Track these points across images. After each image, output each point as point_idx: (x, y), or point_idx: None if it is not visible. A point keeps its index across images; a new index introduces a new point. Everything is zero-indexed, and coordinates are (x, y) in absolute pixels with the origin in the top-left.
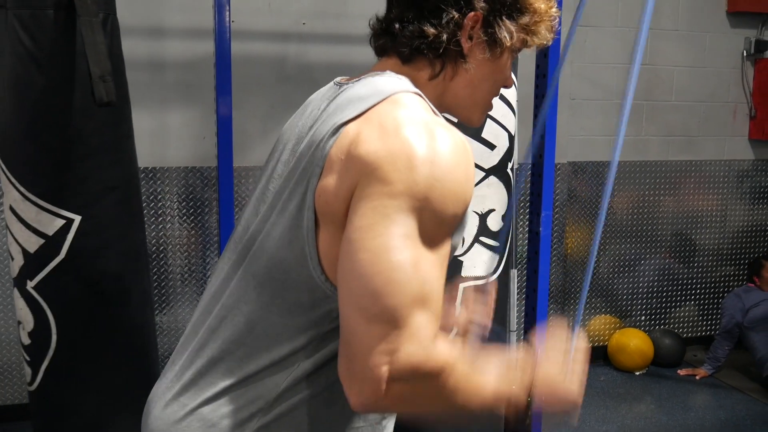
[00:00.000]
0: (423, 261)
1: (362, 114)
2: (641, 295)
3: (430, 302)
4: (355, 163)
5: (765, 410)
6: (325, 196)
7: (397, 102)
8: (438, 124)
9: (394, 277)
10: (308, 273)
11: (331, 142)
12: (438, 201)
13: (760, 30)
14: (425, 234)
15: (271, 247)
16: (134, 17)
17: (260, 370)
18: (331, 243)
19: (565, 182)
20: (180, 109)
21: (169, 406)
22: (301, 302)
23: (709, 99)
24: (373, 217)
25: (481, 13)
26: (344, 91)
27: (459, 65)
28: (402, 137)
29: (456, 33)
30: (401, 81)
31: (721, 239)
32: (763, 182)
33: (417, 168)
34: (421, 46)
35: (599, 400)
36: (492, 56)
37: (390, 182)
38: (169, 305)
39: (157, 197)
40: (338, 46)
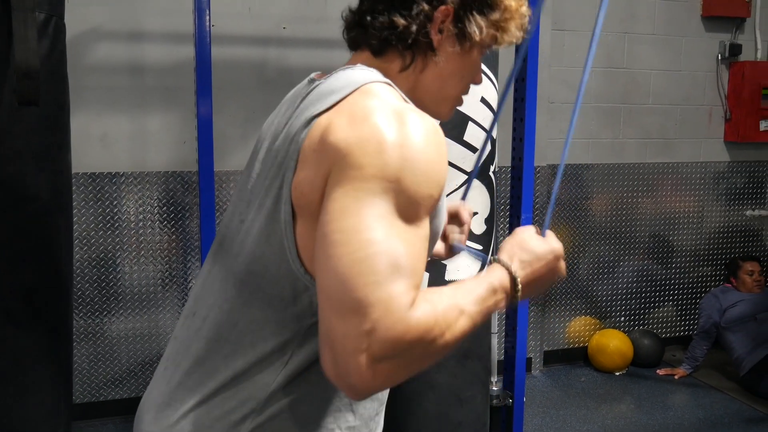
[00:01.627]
0: (397, 236)
1: (333, 106)
2: (620, 297)
3: (404, 271)
4: (326, 151)
5: (742, 408)
6: (300, 188)
7: (367, 92)
8: (408, 109)
9: (364, 255)
10: (287, 266)
11: (304, 135)
12: (410, 181)
13: (734, 34)
14: (400, 214)
15: (250, 244)
16: (114, 22)
17: (248, 367)
18: (308, 235)
19: (545, 185)
20: (160, 113)
21: (161, 411)
22: (283, 296)
23: (685, 102)
24: (345, 201)
25: (452, 6)
26: (317, 86)
27: (429, 58)
28: (371, 123)
29: (426, 25)
30: (372, 72)
31: (697, 240)
32: (739, 183)
33: (387, 151)
34: (391, 37)
35: (580, 400)
36: (462, 50)
37: (361, 166)
38: (149, 310)
39: (138, 202)
40: (318, 50)
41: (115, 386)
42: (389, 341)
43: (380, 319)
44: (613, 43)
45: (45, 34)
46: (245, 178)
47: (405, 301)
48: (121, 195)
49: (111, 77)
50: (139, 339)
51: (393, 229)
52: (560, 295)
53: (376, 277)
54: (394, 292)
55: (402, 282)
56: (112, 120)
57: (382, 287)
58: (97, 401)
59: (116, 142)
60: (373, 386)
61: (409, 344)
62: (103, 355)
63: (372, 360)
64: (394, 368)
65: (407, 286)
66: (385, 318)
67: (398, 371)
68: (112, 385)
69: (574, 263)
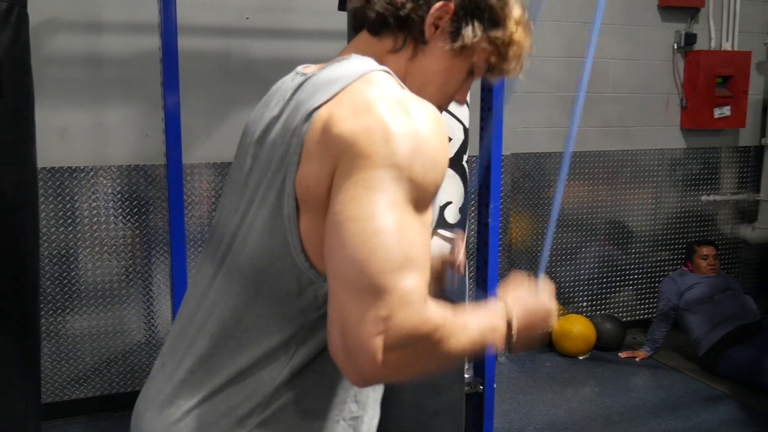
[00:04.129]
0: (408, 226)
1: (333, 97)
2: (582, 282)
3: (417, 265)
4: (331, 143)
5: (701, 388)
6: (306, 181)
7: (367, 81)
8: (409, 97)
9: (380, 241)
10: (292, 261)
11: (305, 128)
12: (418, 169)
13: (690, 24)
14: (409, 201)
15: (253, 239)
16: (71, 12)
17: (253, 363)
18: (313, 228)
19: (509, 174)
20: (120, 106)
21: (164, 408)
22: (287, 290)
23: (643, 90)
24: (355, 190)
25: (453, 5)
26: (311, 78)
27: (419, 47)
28: (375, 113)
29: (424, 9)
30: (367, 61)
31: (655, 226)
32: (694, 170)
33: (394, 140)
34: (387, 12)
35: (546, 385)
36: (452, 52)
37: (369, 156)
38: (113, 306)
39: (99, 197)
40: (282, 40)
41: (79, 385)
42: (404, 329)
43: (397, 308)
44: (573, 32)
45: (7, 24)
46: (237, 173)
47: (420, 294)
48: (82, 190)
49: (70, 69)
50: (104, 336)
51: (405, 217)
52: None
53: (393, 264)
54: (409, 283)
55: (416, 275)
56: (72, 113)
57: (399, 276)
58: (60, 401)
59: (76, 135)
60: (379, 373)
61: (420, 336)
62: (66, 353)
63: (385, 347)
64: (402, 360)
65: (420, 279)
66: (402, 307)
67: (404, 364)
68: (76, 384)
69: (537, 250)
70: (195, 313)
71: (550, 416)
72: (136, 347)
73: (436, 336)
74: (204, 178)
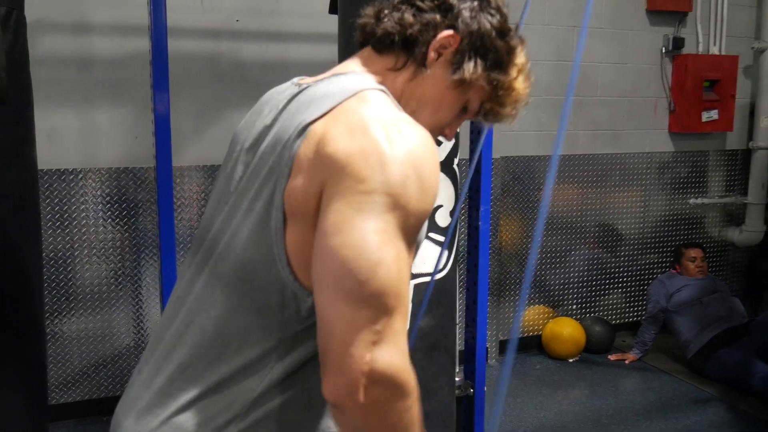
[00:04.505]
0: (400, 258)
1: (327, 113)
2: (572, 285)
3: (405, 304)
4: (324, 161)
5: (690, 390)
6: (294, 195)
7: (362, 99)
8: (404, 120)
9: (377, 272)
10: (277, 273)
11: (299, 143)
12: (411, 197)
13: (677, 28)
14: (399, 230)
15: (237, 248)
16: (59, 13)
17: (233, 374)
18: (300, 242)
19: (499, 177)
20: (110, 108)
21: (140, 415)
22: (270, 303)
23: (631, 94)
24: (348, 212)
25: (459, 36)
26: (306, 89)
27: (419, 72)
28: (371, 135)
29: (429, 35)
30: (365, 79)
31: (644, 229)
32: (682, 173)
33: (389, 165)
34: (394, 32)
35: (536, 387)
36: (449, 82)
37: (363, 179)
38: (102, 310)
39: (88, 199)
40: (272, 43)
41: (67, 389)
42: (388, 367)
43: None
44: (563, 36)
45: (7, 29)
46: (224, 180)
47: (405, 341)
48: (70, 192)
49: (59, 70)
50: (92, 339)
51: (396, 247)
52: (514, 285)
53: (388, 300)
54: (399, 325)
55: (403, 315)
56: (60, 115)
57: (389, 314)
58: (49, 405)
59: (64, 137)
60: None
61: (399, 384)
62: (54, 357)
63: (369, 374)
64: (379, 400)
65: (405, 320)
66: (391, 344)
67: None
68: (63, 388)
69: (526, 253)
70: (175, 320)
71: (540, 419)
72: (125, 351)
73: (409, 401)
74: (194, 180)
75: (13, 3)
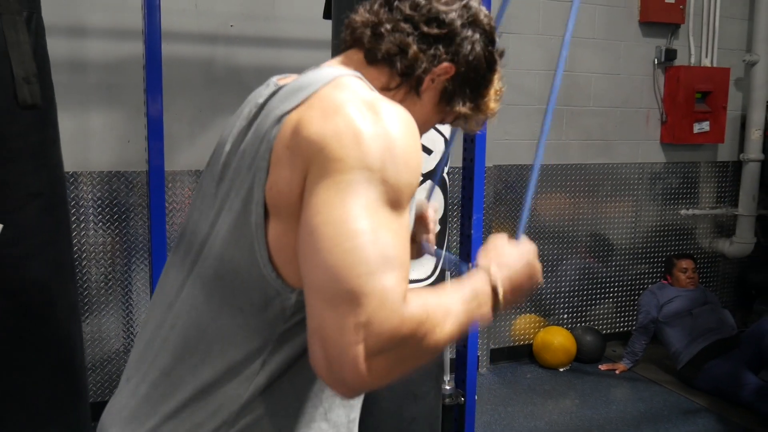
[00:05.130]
0: (383, 227)
1: (302, 102)
2: (563, 295)
3: (394, 263)
4: (301, 147)
5: (680, 401)
6: (276, 187)
7: (336, 85)
8: (379, 99)
9: (354, 245)
10: (258, 271)
11: (274, 133)
12: (391, 170)
13: (670, 39)
14: (383, 203)
15: (218, 247)
16: (53, 16)
17: (216, 378)
18: (283, 236)
19: (491, 185)
20: (103, 111)
21: (127, 425)
22: (253, 302)
23: (623, 105)
24: (327, 194)
25: (455, 69)
26: (283, 86)
27: (411, 95)
28: (344, 114)
29: (429, 69)
30: (339, 68)
31: (635, 239)
32: (674, 184)
33: (365, 141)
34: (396, 58)
35: (526, 397)
36: (438, 107)
37: (340, 158)
38: (92, 314)
39: (79, 202)
40: (267, 48)
41: None
42: (384, 333)
43: (375, 311)
44: (556, 46)
45: (29, 33)
46: (208, 181)
47: (398, 294)
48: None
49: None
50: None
51: (379, 219)
52: None
53: (368, 267)
54: (387, 284)
55: (393, 274)
56: None
57: (375, 278)
58: None
59: None
60: (366, 381)
61: (403, 338)
62: None
63: (367, 354)
64: (388, 363)
65: (398, 278)
66: (381, 310)
67: (391, 367)
68: None
69: None
70: (161, 325)
71: (530, 428)
72: (115, 355)
73: (420, 332)
74: (186, 185)
75: (33, 6)
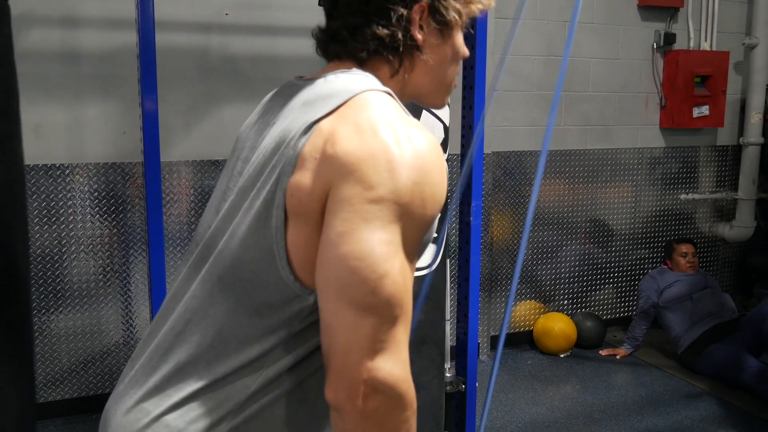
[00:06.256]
0: (405, 268)
1: (333, 111)
2: (563, 280)
3: (408, 314)
4: (331, 162)
5: (681, 385)
6: (298, 194)
7: (369, 101)
8: (412, 125)
9: (383, 284)
10: (277, 273)
11: (304, 140)
12: (419, 206)
13: (669, 23)
14: (405, 239)
15: (236, 247)
16: (45, 6)
17: (229, 373)
18: (303, 242)
19: (490, 172)
20: (97, 102)
21: (130, 412)
22: (270, 303)
23: (622, 89)
24: (355, 221)
25: (426, 2)
26: (308, 87)
27: (416, 57)
28: (380, 139)
29: (408, 28)
30: (369, 78)
31: (635, 224)
32: (673, 168)
33: (397, 171)
34: (378, 48)
35: (527, 383)
36: (445, 39)
37: (371, 186)
38: (91, 306)
39: (75, 195)
40: (262, 37)
41: (55, 387)
42: (390, 376)
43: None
44: (554, 31)
45: None
46: (227, 179)
47: (407, 353)
48: (57, 188)
49: (45, 64)
50: (81, 337)
51: (402, 258)
52: (505, 280)
53: (394, 311)
54: (401, 337)
55: (406, 328)
56: (47, 109)
57: (393, 326)
58: (37, 403)
59: (51, 132)
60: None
61: (400, 395)
62: (42, 354)
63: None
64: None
65: (407, 335)
66: (393, 357)
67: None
68: (52, 386)
69: (518, 249)
70: (172, 319)
71: (531, 414)
72: (114, 348)
73: (407, 413)
74: (182, 176)
75: None
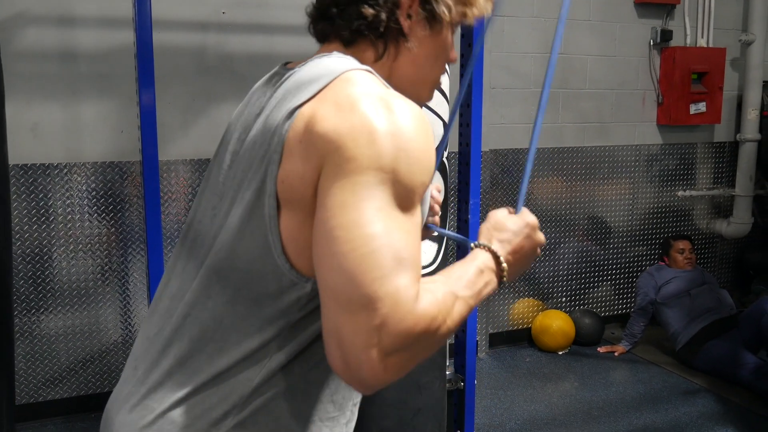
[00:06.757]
0: (397, 228)
1: (315, 95)
2: (561, 278)
3: (407, 264)
4: (315, 143)
5: (679, 381)
6: (289, 181)
7: (349, 79)
8: (393, 95)
9: (370, 248)
10: (273, 262)
11: (287, 126)
12: (405, 170)
13: (665, 20)
14: (397, 204)
15: (231, 239)
16: (43, 6)
17: (231, 365)
18: (297, 229)
19: (488, 170)
20: (95, 101)
21: (134, 410)
22: (268, 292)
23: (619, 87)
24: (343, 195)
25: None
26: (291, 75)
27: (401, 45)
28: (360, 112)
29: (394, 12)
30: (349, 60)
31: (632, 221)
32: (671, 165)
33: (380, 141)
34: (361, 27)
35: (526, 380)
36: (433, 32)
37: (355, 158)
38: (89, 306)
39: (72, 194)
40: (259, 35)
41: (54, 386)
42: (400, 334)
43: (389, 314)
44: (551, 29)
45: None
46: (216, 170)
47: (411, 294)
48: (55, 187)
49: (41, 64)
50: (79, 336)
51: (392, 221)
52: None
53: (382, 271)
54: (400, 285)
55: (406, 274)
56: (44, 109)
57: (389, 281)
58: (35, 402)
59: (49, 131)
60: (383, 379)
61: (417, 336)
62: (41, 353)
63: (383, 354)
64: (403, 360)
65: (411, 278)
66: (394, 312)
67: (407, 362)
68: (51, 385)
69: None
70: (171, 315)
71: (530, 411)
72: (113, 347)
73: (433, 327)
74: (180, 174)
75: None
